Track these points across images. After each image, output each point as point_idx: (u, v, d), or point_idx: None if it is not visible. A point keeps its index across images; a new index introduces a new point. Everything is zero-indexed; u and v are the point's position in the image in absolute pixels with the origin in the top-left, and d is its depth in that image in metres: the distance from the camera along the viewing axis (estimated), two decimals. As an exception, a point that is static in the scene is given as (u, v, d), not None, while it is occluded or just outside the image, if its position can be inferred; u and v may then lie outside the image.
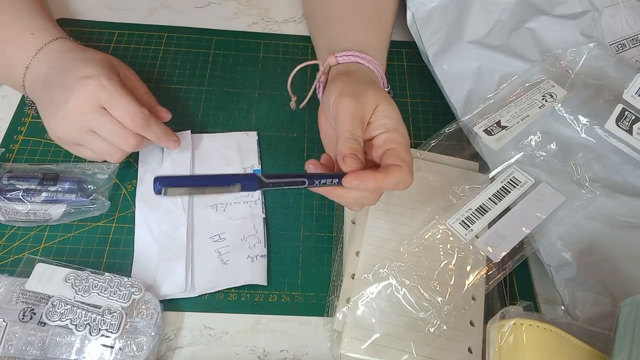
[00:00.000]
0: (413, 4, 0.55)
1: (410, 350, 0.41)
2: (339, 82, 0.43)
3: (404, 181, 0.37)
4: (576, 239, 0.45)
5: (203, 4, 0.65)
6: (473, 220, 0.46)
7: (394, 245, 0.46)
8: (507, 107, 0.49)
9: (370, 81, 0.45)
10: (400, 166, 0.37)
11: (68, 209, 0.47)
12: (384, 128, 0.40)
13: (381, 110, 0.40)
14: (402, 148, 0.39)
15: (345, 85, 0.42)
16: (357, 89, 0.41)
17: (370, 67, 0.47)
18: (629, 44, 0.54)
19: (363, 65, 0.47)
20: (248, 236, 0.48)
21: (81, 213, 0.48)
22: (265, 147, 0.54)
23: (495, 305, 0.45)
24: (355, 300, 0.43)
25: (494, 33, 0.54)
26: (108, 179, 0.49)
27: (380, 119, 0.40)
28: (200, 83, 0.58)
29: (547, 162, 0.48)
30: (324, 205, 0.51)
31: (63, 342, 0.40)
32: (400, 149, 0.39)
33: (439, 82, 0.56)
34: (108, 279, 0.43)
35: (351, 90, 0.41)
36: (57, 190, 0.47)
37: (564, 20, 0.52)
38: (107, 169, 0.50)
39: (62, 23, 0.61)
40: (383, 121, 0.40)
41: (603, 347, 0.35)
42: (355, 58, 0.47)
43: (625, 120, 0.44)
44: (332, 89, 0.42)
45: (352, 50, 0.47)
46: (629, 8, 0.53)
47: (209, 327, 0.44)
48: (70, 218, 0.48)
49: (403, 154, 0.38)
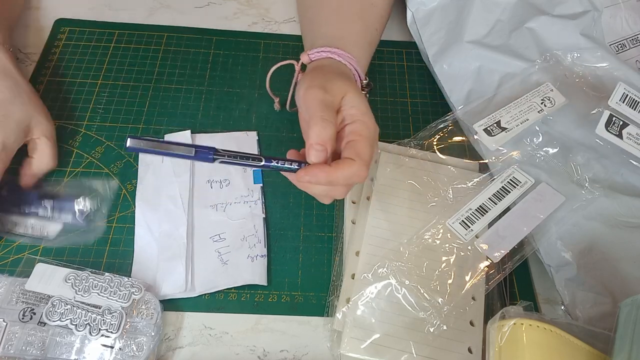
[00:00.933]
0: (413, 4, 0.55)
1: (410, 350, 0.41)
2: (307, 76, 0.43)
3: (356, 175, 0.37)
4: (576, 239, 0.45)
5: (203, 4, 0.65)
6: (473, 220, 0.46)
7: (394, 245, 0.46)
8: (506, 108, 0.49)
9: (341, 73, 0.44)
10: (353, 160, 0.37)
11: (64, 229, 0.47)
12: (351, 119, 0.39)
13: (348, 99, 0.40)
14: (363, 140, 0.38)
15: (313, 78, 0.41)
16: (324, 79, 0.41)
17: (342, 61, 0.46)
18: (629, 44, 0.54)
19: (334, 60, 0.46)
20: (248, 236, 0.48)
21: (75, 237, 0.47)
22: (265, 147, 0.54)
23: (495, 305, 0.45)
24: (355, 300, 0.43)
25: (494, 33, 0.54)
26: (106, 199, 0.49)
27: (347, 109, 0.40)
28: (200, 83, 0.58)
29: (547, 162, 0.48)
30: (324, 205, 0.51)
31: (63, 342, 0.40)
32: (361, 141, 0.38)
33: (439, 82, 0.56)
34: (108, 279, 0.43)
35: (318, 81, 0.40)
36: (54, 207, 0.47)
37: (564, 20, 0.52)
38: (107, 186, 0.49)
39: (62, 23, 0.61)
40: (350, 111, 0.40)
41: (603, 347, 0.35)
42: (327, 53, 0.46)
43: (614, 125, 0.45)
44: (301, 84, 0.42)
45: (324, 47, 0.46)
46: (629, 8, 0.53)
47: (209, 327, 0.44)
48: (65, 241, 0.47)
49: (360, 147, 0.38)
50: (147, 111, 0.55)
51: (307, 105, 0.39)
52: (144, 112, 0.55)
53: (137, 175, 0.51)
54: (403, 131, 0.56)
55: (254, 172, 0.52)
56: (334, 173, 0.36)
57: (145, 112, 0.55)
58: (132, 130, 0.54)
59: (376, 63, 0.61)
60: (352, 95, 0.40)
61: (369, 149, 0.38)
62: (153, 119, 0.55)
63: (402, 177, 0.49)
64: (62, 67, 0.57)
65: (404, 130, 0.56)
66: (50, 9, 0.62)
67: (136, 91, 0.57)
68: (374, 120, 0.40)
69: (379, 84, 0.60)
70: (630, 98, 0.46)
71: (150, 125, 0.54)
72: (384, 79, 0.60)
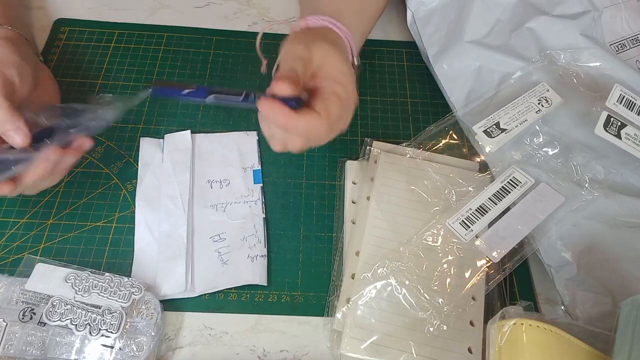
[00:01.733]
0: (413, 4, 0.55)
1: (410, 350, 0.41)
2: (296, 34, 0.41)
3: (315, 129, 0.36)
4: (576, 239, 0.45)
5: (203, 4, 0.65)
6: (473, 220, 0.46)
7: (394, 245, 0.46)
8: (504, 109, 0.49)
9: (331, 40, 0.42)
10: (317, 113, 0.36)
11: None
12: (332, 81, 0.38)
13: (331, 61, 0.38)
14: (337, 101, 0.37)
15: (299, 36, 0.40)
16: (310, 39, 0.39)
17: (340, 34, 0.44)
18: (629, 44, 0.54)
19: (331, 30, 0.44)
20: (248, 236, 0.48)
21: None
22: (265, 147, 0.54)
23: (495, 305, 0.45)
24: (355, 300, 0.43)
25: (494, 33, 0.54)
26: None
27: (329, 69, 0.38)
28: (200, 83, 0.58)
29: (547, 162, 0.48)
30: (324, 205, 0.51)
31: (63, 342, 0.40)
32: (334, 101, 0.37)
33: (439, 82, 0.56)
34: (108, 279, 0.43)
35: (303, 39, 0.39)
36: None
37: (564, 20, 0.52)
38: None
39: (62, 23, 0.61)
40: (332, 73, 0.38)
41: (603, 347, 0.35)
42: (326, 22, 0.43)
43: (612, 126, 0.45)
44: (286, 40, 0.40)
45: (325, 16, 0.44)
46: (629, 8, 0.53)
47: (209, 327, 0.44)
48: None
49: (331, 106, 0.36)
50: (147, 111, 0.55)
51: (284, 58, 0.38)
52: (144, 112, 0.55)
53: (137, 175, 0.51)
54: (403, 131, 0.56)
55: (254, 172, 0.52)
56: (293, 118, 0.35)
57: (145, 112, 0.55)
58: (131, 130, 0.54)
59: (376, 63, 0.61)
60: (336, 58, 0.38)
61: (339, 110, 0.37)
62: (153, 119, 0.55)
63: (402, 177, 0.49)
64: (62, 67, 0.57)
65: (404, 130, 0.56)
66: (50, 9, 0.62)
67: (136, 91, 0.56)
68: (355, 88, 0.39)
69: (379, 84, 0.60)
70: (627, 99, 0.46)
71: (151, 125, 0.54)
72: (384, 79, 0.60)
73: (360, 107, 0.57)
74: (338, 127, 0.38)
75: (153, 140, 0.53)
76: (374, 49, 0.62)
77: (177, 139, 0.53)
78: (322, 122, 0.36)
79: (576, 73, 0.51)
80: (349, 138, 0.55)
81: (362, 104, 0.58)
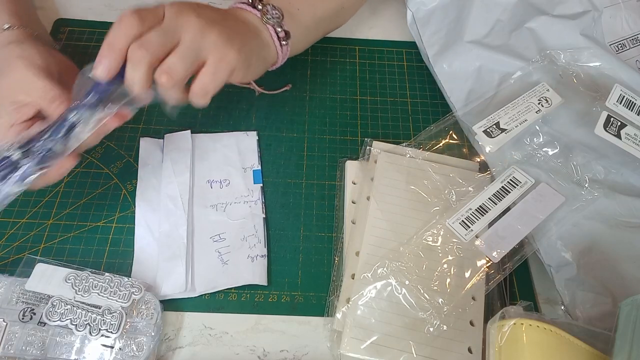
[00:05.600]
0: (413, 4, 0.55)
1: (410, 350, 0.41)
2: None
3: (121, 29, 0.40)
4: (576, 239, 0.45)
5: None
6: (473, 220, 0.46)
7: (394, 245, 0.46)
8: (504, 109, 0.49)
9: (234, 18, 0.44)
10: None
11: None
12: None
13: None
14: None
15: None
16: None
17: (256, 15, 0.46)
18: (629, 44, 0.54)
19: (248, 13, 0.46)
20: (248, 236, 0.48)
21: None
22: (265, 147, 0.54)
23: (495, 305, 0.45)
24: (355, 300, 0.43)
25: (494, 33, 0.54)
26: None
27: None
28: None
29: (547, 162, 0.48)
30: (324, 205, 0.51)
31: (63, 342, 0.40)
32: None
33: (439, 82, 0.56)
34: (108, 279, 0.43)
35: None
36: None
37: (564, 20, 0.52)
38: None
39: (62, 23, 0.61)
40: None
41: (603, 347, 0.35)
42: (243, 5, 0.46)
43: (612, 126, 0.45)
44: None
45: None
46: (629, 8, 0.53)
47: (209, 327, 0.44)
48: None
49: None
50: (147, 111, 0.55)
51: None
52: (144, 112, 0.55)
53: (137, 175, 0.51)
54: (403, 131, 0.56)
55: (254, 172, 0.52)
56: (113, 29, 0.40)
57: (145, 112, 0.55)
58: (131, 130, 0.54)
59: (376, 63, 0.61)
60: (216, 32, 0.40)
61: (159, 38, 0.40)
62: (153, 119, 0.55)
63: (401, 177, 0.49)
64: (62, 67, 0.57)
65: (404, 131, 0.56)
66: (50, 9, 0.62)
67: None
68: (233, 51, 0.41)
69: (379, 84, 0.60)
70: (627, 99, 0.46)
71: (151, 125, 0.54)
72: (384, 79, 0.60)
73: (360, 107, 0.57)
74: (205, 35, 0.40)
75: (153, 140, 0.53)
76: (374, 49, 0.62)
77: (177, 139, 0.53)
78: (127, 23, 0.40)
79: (576, 73, 0.51)
80: (349, 138, 0.55)
81: (362, 104, 0.58)
